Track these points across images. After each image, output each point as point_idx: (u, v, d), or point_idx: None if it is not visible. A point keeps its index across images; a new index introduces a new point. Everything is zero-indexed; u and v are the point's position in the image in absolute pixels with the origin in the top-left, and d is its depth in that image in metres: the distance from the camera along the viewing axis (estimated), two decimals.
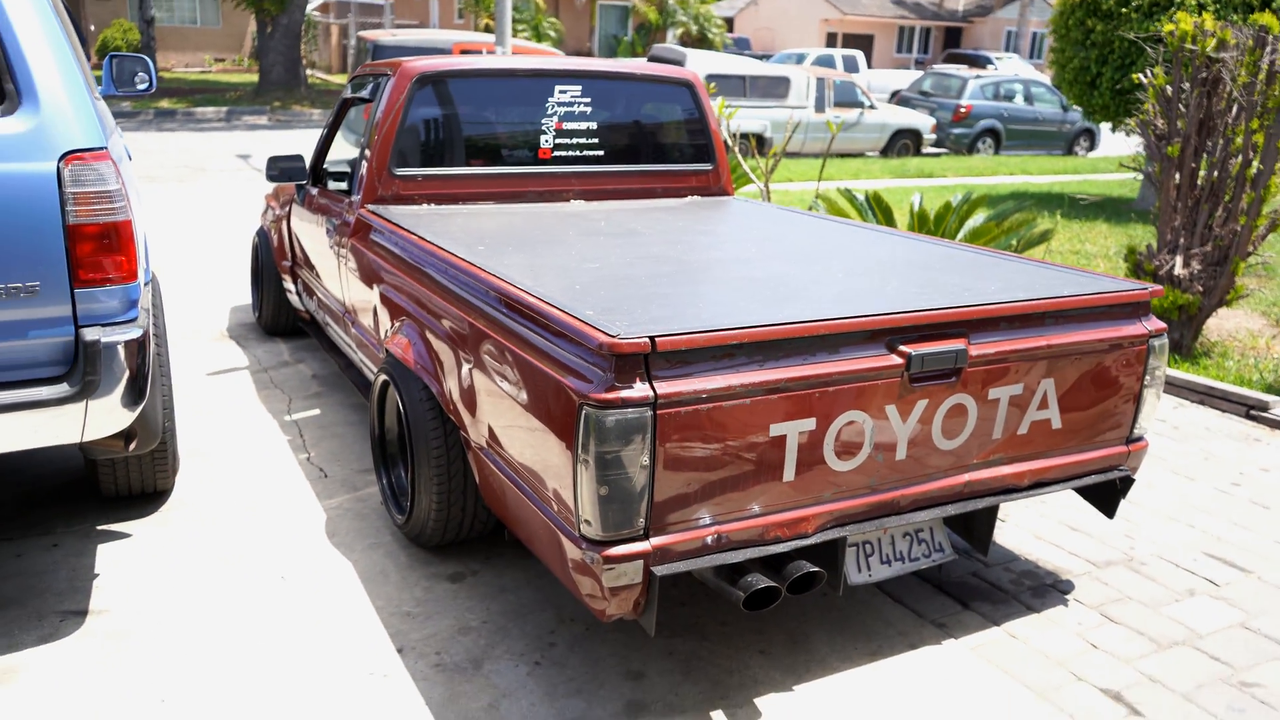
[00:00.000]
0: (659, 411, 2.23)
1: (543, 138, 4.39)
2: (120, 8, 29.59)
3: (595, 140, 4.49)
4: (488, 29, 27.12)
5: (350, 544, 3.34)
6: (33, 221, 2.51)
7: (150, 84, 4.73)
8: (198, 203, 10.00)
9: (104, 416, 2.63)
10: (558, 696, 2.59)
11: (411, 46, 13.17)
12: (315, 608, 2.97)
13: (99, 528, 3.38)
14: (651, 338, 2.22)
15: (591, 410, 2.20)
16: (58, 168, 2.53)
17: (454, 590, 3.07)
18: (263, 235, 5.64)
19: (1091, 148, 20.29)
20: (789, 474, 2.45)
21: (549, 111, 4.39)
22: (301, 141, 15.69)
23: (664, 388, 2.24)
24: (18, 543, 3.28)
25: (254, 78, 25.15)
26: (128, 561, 3.18)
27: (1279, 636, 2.99)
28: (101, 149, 2.60)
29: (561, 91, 4.41)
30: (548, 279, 2.80)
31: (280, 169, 4.61)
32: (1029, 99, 19.38)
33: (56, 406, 2.54)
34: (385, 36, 13.85)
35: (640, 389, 2.22)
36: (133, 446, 2.87)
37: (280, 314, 5.57)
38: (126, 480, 3.35)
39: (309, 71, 27.85)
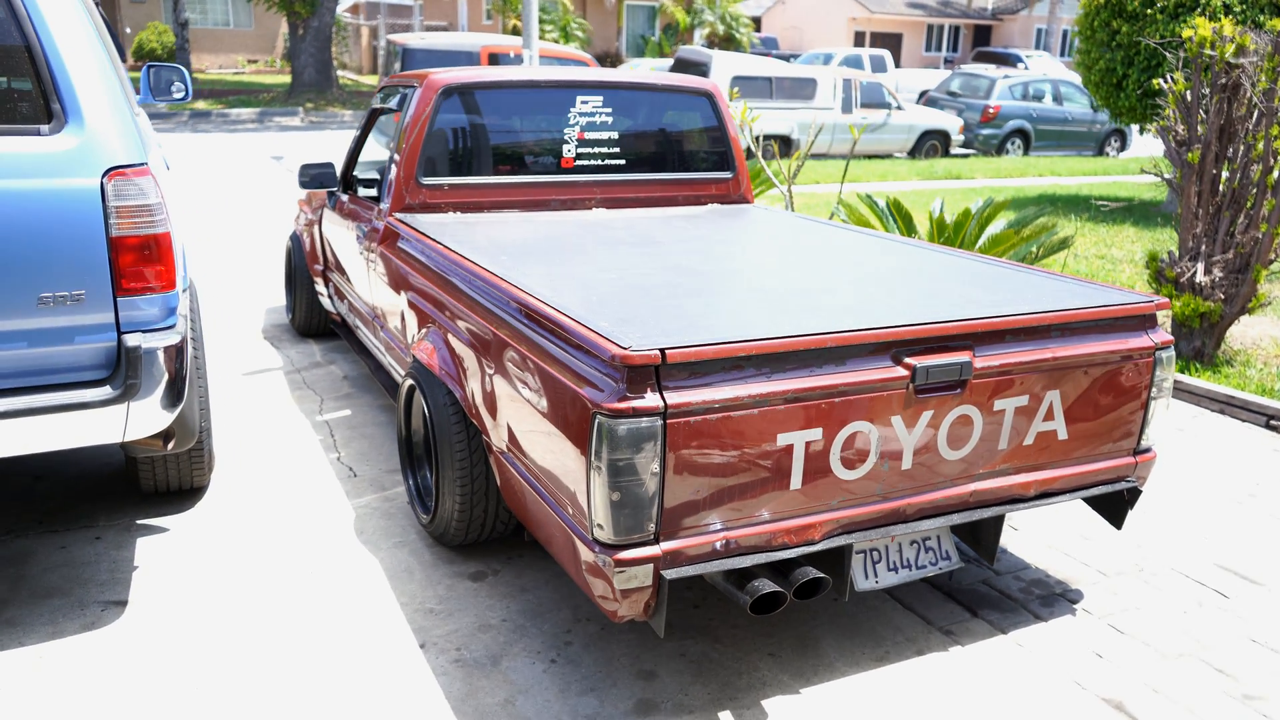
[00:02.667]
0: (669, 421, 2.33)
1: (565, 147, 4.50)
2: (155, 10, 30.11)
3: (616, 149, 4.59)
4: (515, 30, 27.29)
5: (377, 542, 3.46)
6: (78, 233, 2.65)
7: (186, 93, 4.89)
8: (233, 204, 10.21)
9: (144, 418, 2.77)
10: (571, 694, 2.69)
11: (440, 50, 13.35)
12: (342, 603, 3.09)
13: (138, 522, 3.53)
14: (661, 350, 2.32)
15: (604, 419, 2.30)
16: (101, 183, 2.67)
17: (475, 589, 3.18)
18: (295, 239, 5.79)
19: (1123, 148, 20.12)
20: (796, 482, 2.53)
21: (571, 121, 4.50)
22: (334, 142, 15.93)
23: (674, 398, 2.33)
24: (63, 534, 3.44)
25: (287, 79, 25.50)
26: (165, 555, 3.32)
27: None
28: (142, 165, 2.74)
29: (583, 102, 4.52)
30: (566, 290, 2.90)
31: (312, 176, 4.77)
32: (1058, 99, 19.24)
33: (100, 408, 2.68)
34: (414, 40, 14.06)
35: (651, 399, 2.31)
36: (171, 445, 3.01)
37: (312, 316, 5.72)
38: (165, 477, 3.50)
39: (340, 73, 28.18)
